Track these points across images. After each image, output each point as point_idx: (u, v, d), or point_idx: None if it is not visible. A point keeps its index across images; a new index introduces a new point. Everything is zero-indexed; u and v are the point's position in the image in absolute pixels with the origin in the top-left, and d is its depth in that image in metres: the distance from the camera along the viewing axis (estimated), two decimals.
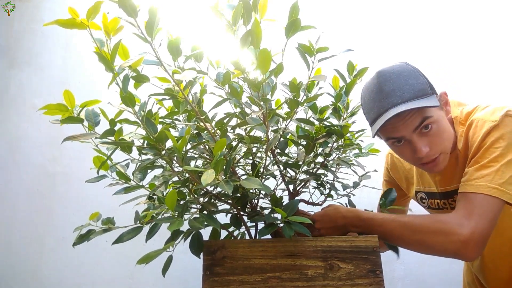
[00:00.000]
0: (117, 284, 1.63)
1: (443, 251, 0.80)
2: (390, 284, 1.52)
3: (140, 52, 0.67)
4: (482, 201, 0.81)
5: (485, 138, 0.86)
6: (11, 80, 1.91)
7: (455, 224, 0.80)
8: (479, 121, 0.90)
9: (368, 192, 1.09)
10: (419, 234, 0.83)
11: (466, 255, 0.79)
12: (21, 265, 1.67)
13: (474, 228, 0.78)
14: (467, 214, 0.80)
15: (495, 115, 0.87)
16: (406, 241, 0.85)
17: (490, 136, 0.86)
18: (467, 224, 0.78)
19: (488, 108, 0.92)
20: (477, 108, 0.94)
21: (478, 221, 0.79)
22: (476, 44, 1.72)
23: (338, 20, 1.82)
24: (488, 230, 0.80)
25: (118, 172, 0.92)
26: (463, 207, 0.83)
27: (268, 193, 0.90)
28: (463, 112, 0.96)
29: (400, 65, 0.91)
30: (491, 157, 0.84)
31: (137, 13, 0.63)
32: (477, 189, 0.83)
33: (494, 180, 0.82)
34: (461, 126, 0.94)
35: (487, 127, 0.87)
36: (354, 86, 0.96)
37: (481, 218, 0.79)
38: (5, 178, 1.79)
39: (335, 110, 0.99)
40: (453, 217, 0.82)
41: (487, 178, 0.83)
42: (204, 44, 0.88)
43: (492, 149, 0.85)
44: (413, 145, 0.89)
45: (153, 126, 0.76)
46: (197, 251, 0.86)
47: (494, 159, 0.84)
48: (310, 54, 0.80)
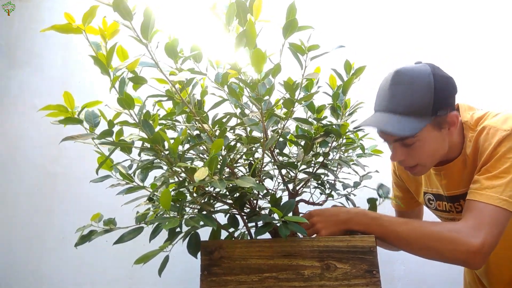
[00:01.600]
0: (117, 284, 1.63)
1: (452, 259, 0.82)
2: (390, 284, 1.53)
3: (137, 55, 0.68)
4: (493, 213, 0.82)
5: (497, 147, 0.86)
6: (11, 80, 1.92)
7: (466, 234, 0.80)
8: (491, 128, 0.89)
9: (369, 193, 1.10)
10: (428, 240, 0.83)
11: (474, 265, 0.81)
12: (21, 265, 1.68)
13: (484, 240, 0.79)
14: (477, 225, 0.81)
15: (508, 124, 0.87)
16: (414, 246, 0.85)
17: (502, 146, 0.86)
18: (478, 236, 0.79)
19: (499, 115, 0.92)
20: (488, 114, 0.94)
21: (488, 232, 0.80)
22: (474, 40, 1.72)
23: (335, 18, 1.82)
24: (497, 241, 0.81)
25: (121, 172, 0.92)
26: (473, 217, 0.83)
27: (261, 192, 0.90)
28: (473, 117, 0.95)
29: (421, 71, 0.89)
30: (503, 167, 0.84)
31: (132, 16, 0.63)
32: (488, 199, 0.83)
33: (505, 192, 0.82)
34: (471, 131, 0.94)
35: (499, 136, 0.86)
36: (351, 85, 0.96)
37: (491, 230, 0.80)
38: (5, 178, 1.79)
39: (333, 109, 0.99)
40: (464, 227, 0.82)
41: (498, 189, 0.83)
42: (203, 44, 0.88)
43: (504, 159, 0.85)
44: (391, 150, 0.94)
45: (150, 127, 0.76)
46: (194, 251, 0.87)
47: (505, 170, 0.84)
48: (301, 52, 0.80)
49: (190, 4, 1.76)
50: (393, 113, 0.87)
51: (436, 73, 0.88)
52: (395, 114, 0.87)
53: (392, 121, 0.86)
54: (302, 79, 0.82)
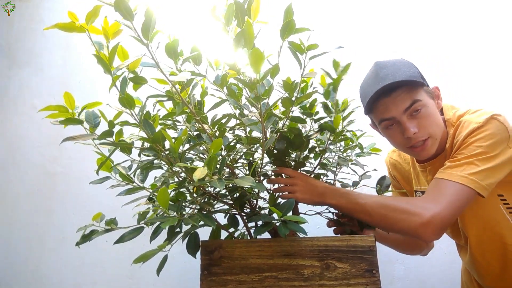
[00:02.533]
0: (117, 284, 1.63)
1: (405, 229, 0.84)
2: (390, 284, 1.53)
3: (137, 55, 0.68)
4: (451, 188, 0.85)
5: (466, 137, 0.91)
6: (11, 80, 1.92)
7: (420, 206, 0.84)
8: (465, 122, 0.94)
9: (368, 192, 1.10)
10: (385, 210, 0.86)
11: (425, 236, 0.83)
12: (21, 265, 1.68)
13: (436, 213, 0.82)
14: (433, 199, 0.85)
15: (481, 118, 0.91)
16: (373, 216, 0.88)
17: (472, 136, 0.90)
18: (430, 208, 0.83)
19: (478, 112, 0.96)
20: (468, 111, 0.99)
21: (442, 206, 0.83)
22: (474, 40, 1.72)
23: (335, 18, 1.82)
24: (451, 216, 0.84)
25: (121, 173, 0.92)
26: (431, 192, 0.88)
27: (262, 190, 0.91)
28: (455, 115, 1.00)
29: (396, 58, 0.98)
30: (469, 154, 0.88)
31: (133, 16, 0.63)
32: (449, 176, 0.87)
33: (465, 170, 0.86)
34: (452, 127, 0.98)
35: (471, 127, 0.91)
36: (340, 82, 0.98)
37: (446, 204, 0.83)
38: (5, 178, 1.79)
39: (326, 107, 1.00)
40: (420, 200, 0.88)
41: (459, 168, 0.87)
42: (202, 45, 0.89)
43: (472, 147, 0.89)
44: (403, 125, 0.93)
45: (151, 127, 0.76)
46: (193, 251, 0.87)
47: (471, 155, 0.88)
48: (301, 52, 0.81)
49: (190, 5, 1.76)
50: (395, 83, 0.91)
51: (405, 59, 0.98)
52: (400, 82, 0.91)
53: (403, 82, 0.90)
54: (301, 79, 0.83)
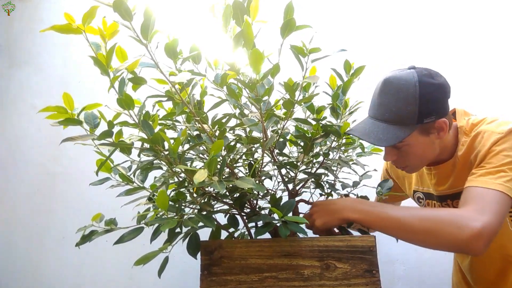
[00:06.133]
0: (117, 285, 1.63)
1: (453, 242, 0.79)
2: (390, 284, 1.53)
3: (137, 55, 0.68)
4: (494, 197, 0.82)
5: (491, 147, 0.89)
6: (11, 80, 1.92)
7: (468, 217, 0.79)
8: (485, 132, 0.93)
9: (368, 192, 1.10)
10: (428, 223, 0.81)
11: (476, 249, 0.78)
12: (21, 265, 1.68)
13: (487, 223, 0.77)
14: (479, 209, 0.80)
15: (501, 128, 0.91)
16: (414, 230, 0.82)
17: (497, 145, 0.89)
18: (480, 219, 0.78)
19: (495, 122, 0.95)
20: (484, 120, 0.97)
21: (490, 216, 0.78)
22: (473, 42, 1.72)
23: (336, 19, 1.82)
24: (498, 226, 0.79)
25: (120, 174, 0.92)
26: (473, 201, 0.82)
27: (262, 192, 0.91)
28: (469, 123, 0.99)
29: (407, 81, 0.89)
30: (499, 163, 0.87)
31: (132, 16, 0.63)
32: (485, 184, 0.84)
33: (500, 178, 0.84)
34: (465, 136, 0.97)
35: (494, 138, 0.90)
36: (351, 84, 0.97)
37: (493, 214, 0.79)
38: (5, 178, 1.79)
39: (333, 109, 0.99)
40: (465, 211, 0.81)
41: (493, 176, 0.85)
42: (201, 45, 0.88)
43: (501, 156, 0.87)
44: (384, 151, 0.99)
45: (150, 128, 0.76)
46: (194, 251, 0.87)
47: (502, 164, 0.86)
48: (303, 55, 0.81)
49: (189, 5, 1.76)
50: (380, 121, 0.92)
51: (423, 81, 0.89)
52: (382, 121, 0.92)
53: (378, 129, 0.90)
54: (303, 81, 0.82)
